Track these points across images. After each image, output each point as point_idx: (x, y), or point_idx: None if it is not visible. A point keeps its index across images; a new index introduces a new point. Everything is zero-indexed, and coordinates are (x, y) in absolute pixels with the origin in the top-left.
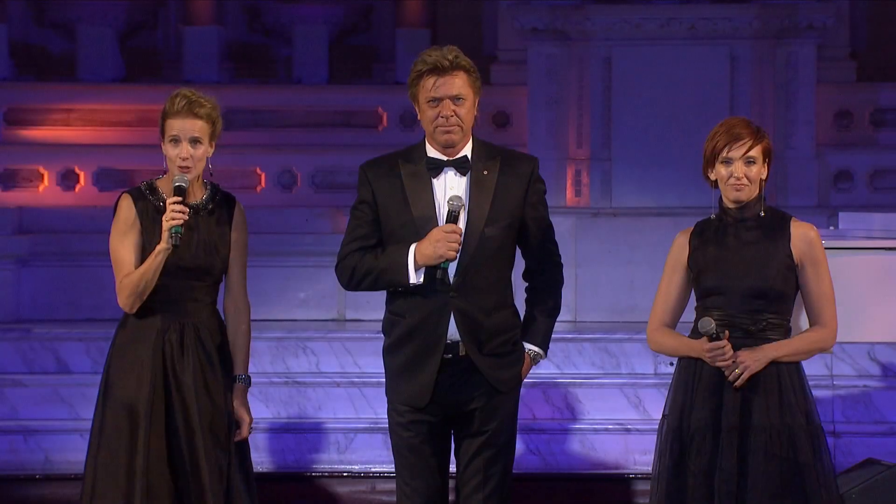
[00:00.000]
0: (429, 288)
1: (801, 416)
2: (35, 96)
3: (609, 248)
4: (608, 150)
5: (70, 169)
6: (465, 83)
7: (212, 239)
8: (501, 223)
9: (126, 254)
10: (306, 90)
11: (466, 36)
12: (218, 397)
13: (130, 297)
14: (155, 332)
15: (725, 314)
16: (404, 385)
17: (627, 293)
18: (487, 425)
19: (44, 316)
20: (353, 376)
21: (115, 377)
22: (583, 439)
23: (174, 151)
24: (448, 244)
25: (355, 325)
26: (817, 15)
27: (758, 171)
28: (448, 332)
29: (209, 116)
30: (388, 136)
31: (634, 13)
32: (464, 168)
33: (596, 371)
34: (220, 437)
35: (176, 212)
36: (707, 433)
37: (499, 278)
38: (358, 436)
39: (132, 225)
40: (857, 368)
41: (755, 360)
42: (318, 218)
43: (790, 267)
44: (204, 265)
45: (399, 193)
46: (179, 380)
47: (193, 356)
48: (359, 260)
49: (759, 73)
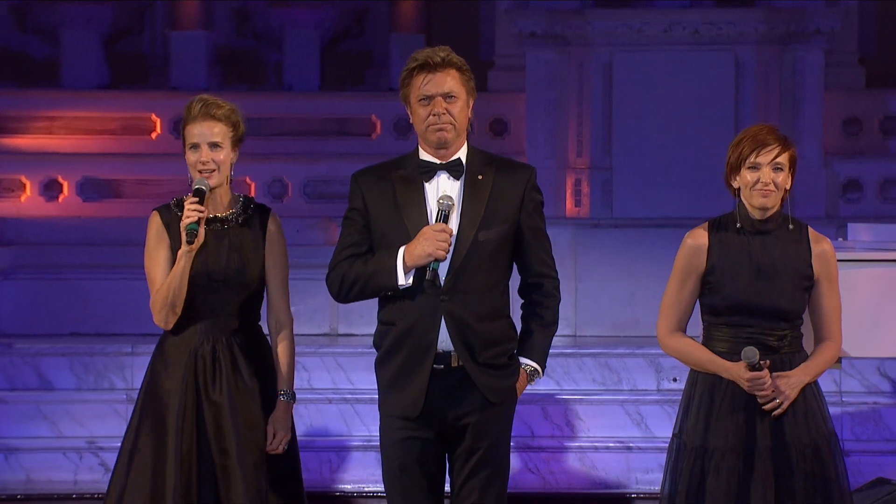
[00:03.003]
0: (419, 291)
1: (824, 426)
2: (17, 103)
3: (610, 260)
4: (609, 158)
5: (53, 178)
6: (457, 81)
7: (243, 250)
8: (495, 228)
9: (156, 270)
10: (297, 97)
11: (463, 40)
12: (251, 415)
13: (162, 309)
14: (189, 350)
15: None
16: (396, 395)
17: (629, 307)
18: (480, 442)
19: (26, 330)
20: (346, 393)
21: (148, 398)
22: (583, 457)
23: (194, 157)
24: (437, 243)
25: (348, 340)
26: (825, 19)
27: (784, 178)
28: (439, 337)
29: (228, 119)
30: (382, 144)
31: (636, 17)
32: (457, 171)
33: (596, 387)
34: (256, 457)
35: (191, 210)
36: (733, 453)
37: (493, 285)
38: (351, 454)
39: (160, 240)
40: (866, 385)
41: (793, 390)
42: (309, 229)
43: (810, 282)
44: (235, 276)
45: (390, 198)
46: (211, 398)
47: (227, 373)
48: (348, 268)
49: (764, 80)
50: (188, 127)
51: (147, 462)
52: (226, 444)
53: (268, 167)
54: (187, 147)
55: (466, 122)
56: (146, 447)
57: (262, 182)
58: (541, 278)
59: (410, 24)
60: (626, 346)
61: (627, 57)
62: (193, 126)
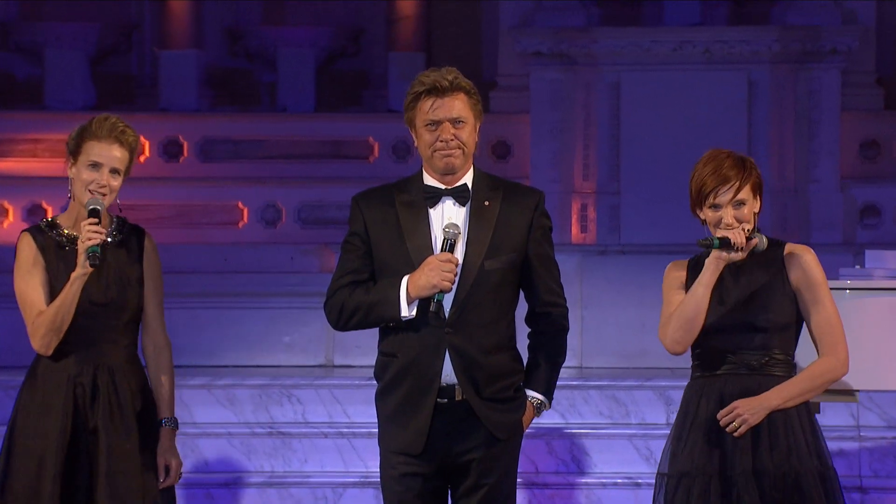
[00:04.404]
0: (422, 323)
1: (814, 458)
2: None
3: (617, 288)
4: (616, 182)
5: (37, 204)
6: (466, 105)
7: (123, 272)
8: (503, 257)
9: (34, 293)
10: (292, 118)
11: (464, 60)
12: (131, 446)
13: (48, 334)
14: (66, 378)
15: (728, 351)
16: (397, 430)
17: (637, 336)
18: (486, 479)
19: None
20: (342, 426)
21: (22, 428)
22: (589, 494)
23: (91, 176)
24: (442, 273)
25: (344, 372)
26: (841, 38)
27: (749, 209)
28: (443, 371)
29: (132, 148)
30: (379, 167)
31: (645, 36)
32: (463, 197)
33: (603, 421)
34: (133, 490)
35: (92, 231)
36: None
37: (499, 317)
38: (347, 491)
39: (34, 262)
40: (885, 419)
41: (752, 413)
42: (304, 255)
43: (789, 296)
44: (117, 300)
45: (393, 224)
46: (89, 428)
47: (105, 402)
48: (348, 295)
49: (779, 101)
50: (90, 143)
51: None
52: (97, 478)
53: (261, 191)
54: (84, 163)
55: (474, 146)
56: (20, 485)
57: (254, 207)
58: (549, 307)
59: (409, 43)
60: (635, 377)
61: (636, 77)
62: (98, 145)
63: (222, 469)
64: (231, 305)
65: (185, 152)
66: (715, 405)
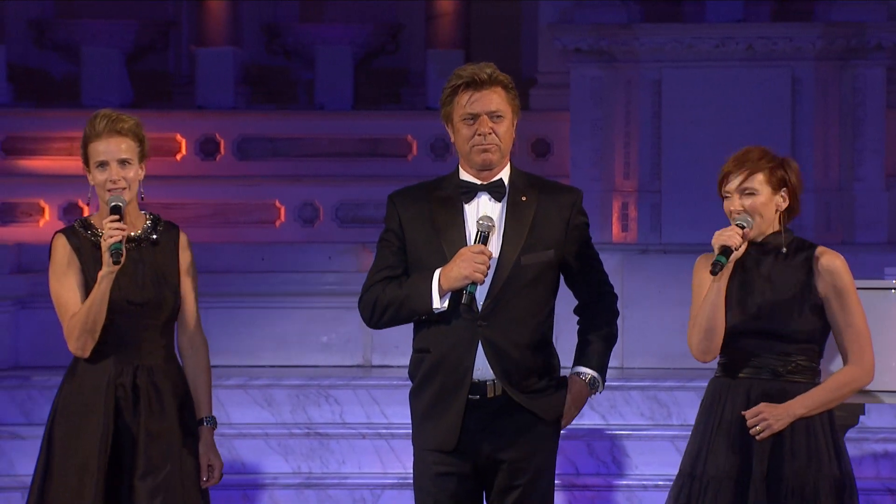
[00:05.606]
0: (455, 317)
1: (834, 467)
2: (35, 124)
3: (659, 287)
4: (658, 181)
5: (73, 202)
6: (504, 100)
7: (159, 270)
8: (539, 253)
9: (69, 295)
10: (329, 117)
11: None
12: (172, 448)
13: (81, 335)
14: (107, 380)
15: (753, 355)
16: (429, 427)
17: (679, 337)
18: (518, 479)
19: (44, 362)
20: (380, 427)
21: (62, 430)
22: (630, 496)
23: (102, 176)
24: (475, 265)
25: (382, 372)
26: (887, 34)
27: (763, 202)
28: (475, 366)
29: (134, 133)
30: (417, 165)
31: (687, 33)
32: (499, 193)
33: (645, 422)
34: (175, 490)
35: (113, 229)
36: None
37: (534, 312)
38: (385, 492)
39: (69, 263)
40: None
41: (777, 420)
42: (342, 255)
43: (817, 304)
44: (154, 299)
45: (427, 219)
46: (131, 430)
47: (146, 403)
48: (382, 290)
49: (823, 98)
50: (92, 144)
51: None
52: (134, 480)
53: (298, 190)
54: (93, 166)
55: (511, 142)
56: (62, 488)
57: (292, 206)
58: (600, 296)
59: (448, 41)
60: (676, 378)
61: (677, 74)
62: (99, 143)
63: (259, 470)
64: (268, 305)
65: (221, 150)
66: (741, 409)
